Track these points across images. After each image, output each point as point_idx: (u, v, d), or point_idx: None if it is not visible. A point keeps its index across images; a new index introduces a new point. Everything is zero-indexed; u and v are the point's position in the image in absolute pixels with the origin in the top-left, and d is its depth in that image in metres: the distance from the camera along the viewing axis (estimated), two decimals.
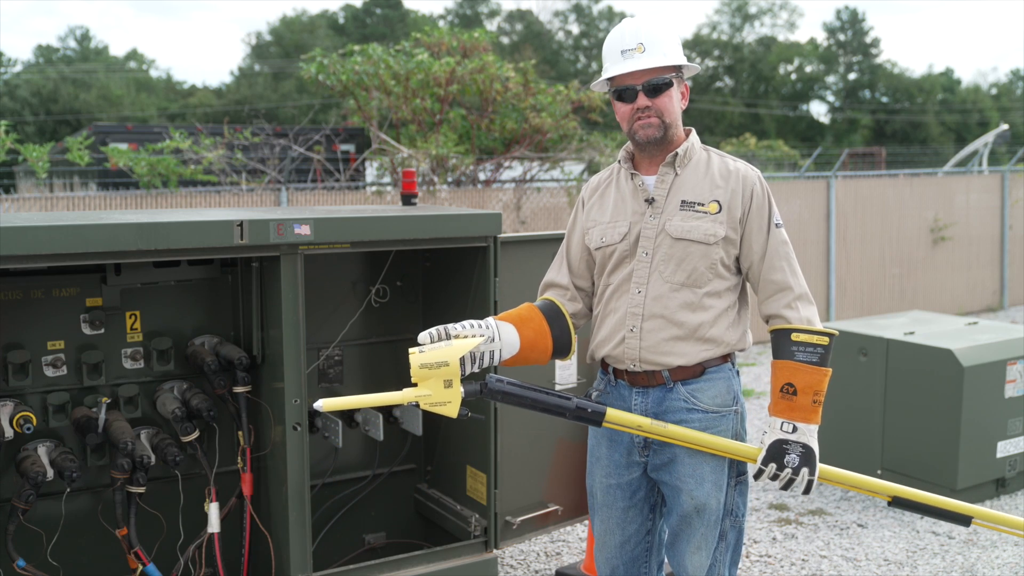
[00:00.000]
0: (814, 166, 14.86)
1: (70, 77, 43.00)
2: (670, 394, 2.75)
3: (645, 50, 2.71)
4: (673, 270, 2.73)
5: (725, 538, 2.83)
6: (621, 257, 2.80)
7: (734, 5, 54.98)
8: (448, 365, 2.51)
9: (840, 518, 5.28)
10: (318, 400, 2.53)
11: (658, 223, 2.75)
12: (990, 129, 19.23)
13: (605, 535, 2.95)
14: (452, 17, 52.65)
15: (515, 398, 2.63)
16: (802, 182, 10.88)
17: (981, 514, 2.81)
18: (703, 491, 2.75)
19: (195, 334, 3.82)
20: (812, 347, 2.66)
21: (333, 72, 10.34)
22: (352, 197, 9.43)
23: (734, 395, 2.80)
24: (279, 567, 3.65)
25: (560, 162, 11.54)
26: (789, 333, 2.68)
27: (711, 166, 2.80)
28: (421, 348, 2.54)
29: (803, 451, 2.64)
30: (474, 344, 2.56)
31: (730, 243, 2.74)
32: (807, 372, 2.65)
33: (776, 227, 2.76)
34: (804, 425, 2.65)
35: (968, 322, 6.04)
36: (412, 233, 3.64)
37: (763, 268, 2.74)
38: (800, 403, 2.65)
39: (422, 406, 2.54)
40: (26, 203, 8.10)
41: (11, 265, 3.00)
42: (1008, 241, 12.90)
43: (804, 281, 2.77)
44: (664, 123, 2.74)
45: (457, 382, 2.53)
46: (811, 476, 2.65)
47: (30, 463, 3.40)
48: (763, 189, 2.77)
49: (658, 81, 2.72)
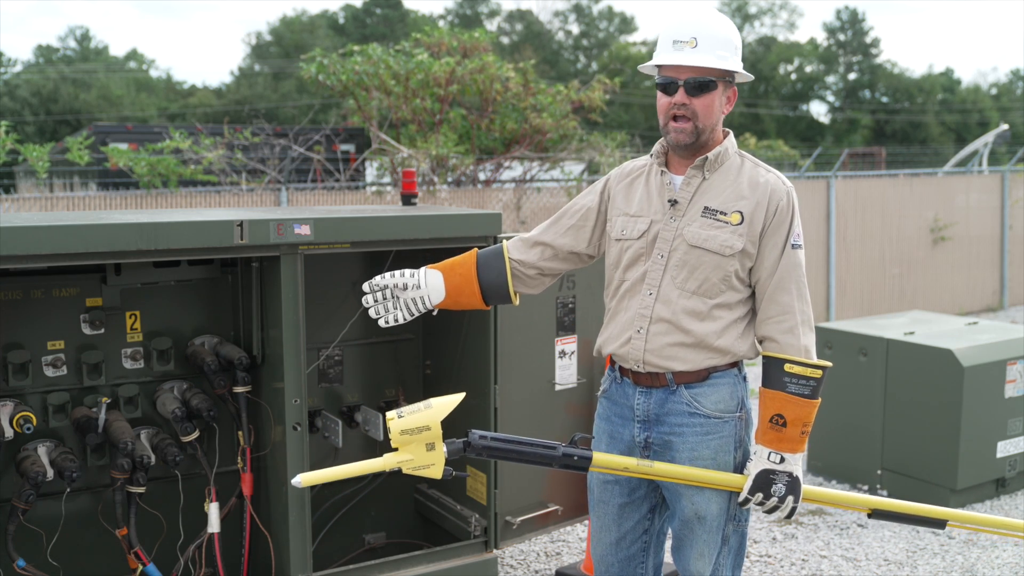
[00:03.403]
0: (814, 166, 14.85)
1: (70, 77, 42.99)
2: (672, 396, 2.72)
3: (697, 46, 2.61)
4: (685, 277, 2.68)
5: (728, 543, 2.80)
6: (636, 254, 2.75)
7: (734, 5, 54.97)
8: (430, 429, 2.49)
9: (840, 518, 5.28)
10: (296, 476, 2.47)
11: (677, 226, 2.70)
12: (990, 129, 19.22)
13: (600, 531, 2.92)
14: (452, 17, 52.64)
15: (500, 452, 2.62)
16: (802, 182, 10.88)
17: (956, 516, 2.86)
18: (703, 497, 2.73)
19: (195, 334, 3.82)
20: (805, 379, 2.62)
21: (333, 72, 10.33)
22: (352, 197, 9.43)
23: (739, 401, 2.76)
24: (279, 567, 3.65)
25: (560, 162, 11.54)
26: (783, 363, 2.64)
27: (742, 174, 2.71)
28: (400, 413, 2.51)
29: (789, 480, 2.65)
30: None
31: (747, 256, 2.67)
32: (798, 405, 2.62)
33: (793, 247, 2.68)
34: (791, 455, 2.65)
35: (968, 322, 6.04)
36: (412, 233, 3.64)
37: (771, 286, 2.67)
38: (789, 435, 2.63)
39: (405, 471, 2.51)
40: (26, 203, 8.10)
41: (11, 265, 3.00)
42: (1008, 241, 12.90)
43: (810, 308, 2.72)
44: (697, 128, 2.64)
45: (439, 444, 2.51)
46: (795, 503, 2.68)
47: (30, 463, 3.40)
48: (789, 204, 2.68)
49: (702, 80, 2.62)
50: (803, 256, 2.72)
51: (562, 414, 4.11)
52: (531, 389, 4.02)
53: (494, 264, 2.88)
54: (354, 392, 4.25)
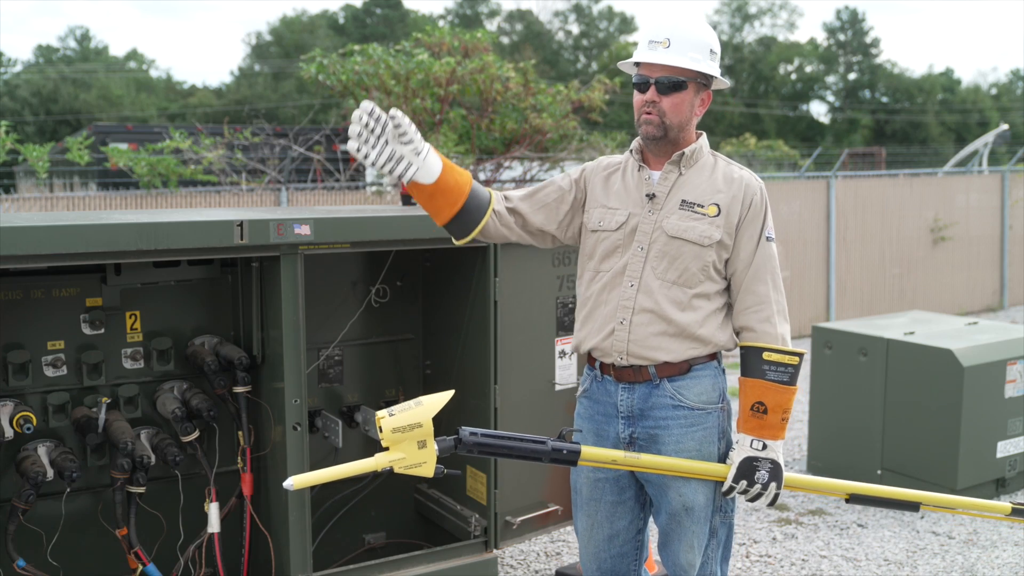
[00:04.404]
0: (814, 166, 14.86)
1: (70, 77, 43.00)
2: (656, 391, 2.77)
3: (670, 46, 2.71)
4: (666, 267, 2.75)
5: (716, 535, 2.87)
6: (613, 246, 2.81)
7: (734, 5, 54.99)
8: (421, 427, 2.50)
9: (840, 518, 5.28)
10: (288, 479, 2.46)
11: (656, 219, 2.77)
12: (990, 129, 19.22)
13: (592, 529, 2.94)
14: (452, 17, 52.66)
15: (490, 448, 2.63)
16: (802, 182, 10.89)
17: (929, 499, 2.96)
18: (690, 488, 2.77)
19: (195, 334, 3.82)
20: (783, 367, 2.71)
21: (333, 72, 10.34)
22: (352, 197, 9.44)
23: (720, 393, 2.83)
24: (279, 567, 3.65)
25: (560, 162, 11.54)
26: (761, 352, 2.73)
27: (716, 170, 2.82)
28: (390, 411, 2.51)
29: (771, 467, 2.72)
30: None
31: (724, 247, 2.76)
32: (777, 391, 2.71)
33: (767, 240, 2.79)
34: (772, 442, 2.72)
35: (968, 322, 6.03)
36: (412, 233, 3.64)
37: (747, 277, 2.76)
38: (769, 421, 2.71)
39: (397, 470, 2.51)
40: (26, 203, 8.11)
41: (11, 265, 3.00)
42: (1008, 241, 12.90)
43: (784, 299, 2.81)
44: (664, 124, 2.73)
45: (431, 441, 2.51)
46: (778, 490, 2.74)
47: (30, 463, 3.40)
48: (763, 200, 2.79)
49: (672, 80, 2.71)
50: (776, 249, 2.82)
51: (562, 414, 4.11)
52: (531, 389, 4.02)
53: (479, 202, 2.79)
54: (354, 392, 4.25)
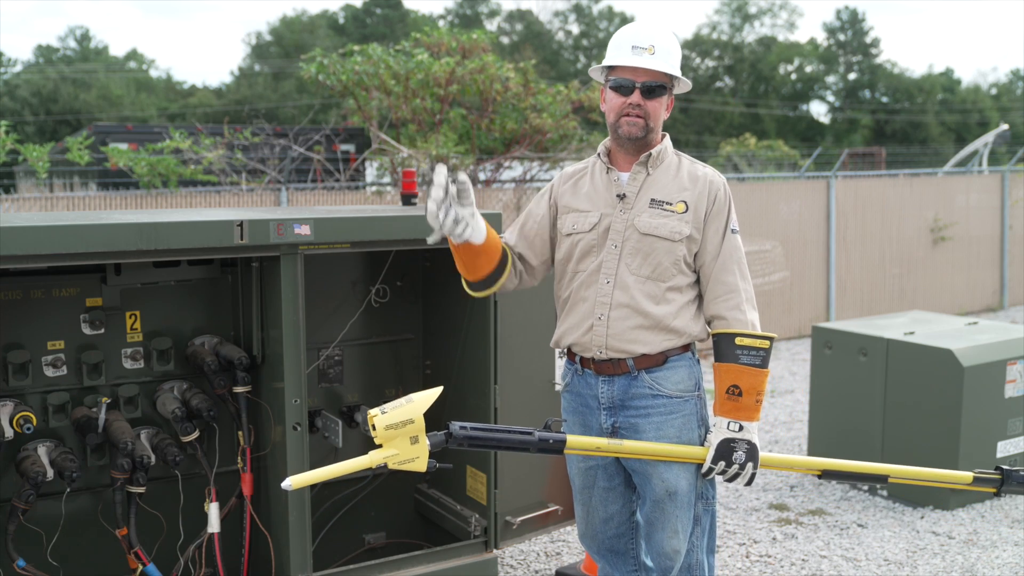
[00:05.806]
0: (814, 166, 14.86)
1: (70, 77, 42.99)
2: (635, 382, 2.90)
3: (655, 53, 2.85)
4: (640, 263, 2.87)
5: (700, 523, 2.99)
6: (588, 246, 2.93)
7: (734, 5, 54.97)
8: (413, 423, 2.54)
9: (840, 518, 5.28)
10: (286, 479, 2.49)
11: (628, 218, 2.90)
12: (990, 129, 19.22)
13: (588, 515, 3.10)
14: (452, 17, 52.64)
15: (481, 441, 2.71)
16: (802, 182, 10.88)
17: (896, 471, 3.10)
18: (672, 473, 2.89)
19: (195, 334, 3.82)
20: (755, 351, 2.84)
21: (333, 72, 10.34)
22: (352, 197, 9.44)
23: (695, 381, 2.96)
24: (279, 567, 3.65)
25: (560, 162, 11.54)
26: (733, 337, 2.84)
27: (681, 170, 2.95)
28: (383, 409, 2.55)
29: (748, 447, 2.83)
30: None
31: (693, 242, 2.89)
32: (751, 374, 2.82)
33: (732, 232, 2.92)
34: (748, 423, 2.84)
35: (968, 322, 6.03)
36: (412, 233, 3.64)
37: (715, 268, 2.89)
38: (745, 403, 2.83)
39: (390, 466, 2.57)
40: (26, 203, 8.10)
41: (11, 265, 3.00)
42: (1008, 241, 12.90)
43: (752, 287, 2.94)
44: (648, 125, 2.88)
45: (423, 436, 2.57)
46: (754, 470, 2.85)
47: (30, 463, 3.40)
48: (726, 195, 2.93)
49: (656, 84, 2.87)
50: (741, 241, 2.96)
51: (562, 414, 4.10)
52: (531, 389, 4.02)
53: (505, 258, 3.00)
54: (354, 392, 4.25)
